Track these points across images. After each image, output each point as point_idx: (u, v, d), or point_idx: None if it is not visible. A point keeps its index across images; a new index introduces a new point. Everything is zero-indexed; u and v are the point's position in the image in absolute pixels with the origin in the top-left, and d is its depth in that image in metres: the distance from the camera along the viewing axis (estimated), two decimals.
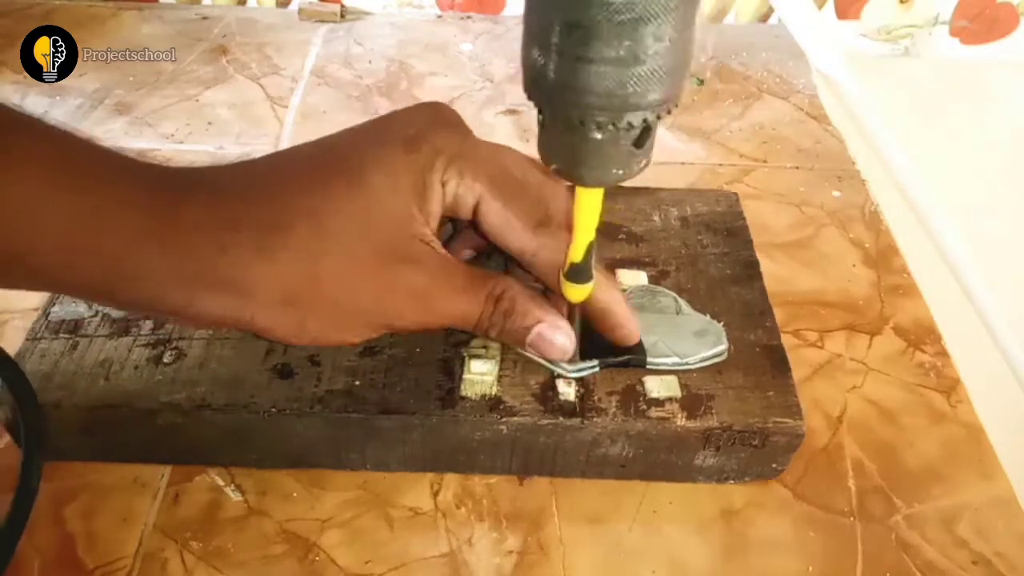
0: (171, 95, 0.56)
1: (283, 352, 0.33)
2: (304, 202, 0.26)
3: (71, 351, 0.33)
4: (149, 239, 0.24)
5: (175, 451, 0.33)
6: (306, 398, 0.31)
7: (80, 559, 0.31)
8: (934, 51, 0.68)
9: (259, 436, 0.32)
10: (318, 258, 0.26)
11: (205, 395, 0.31)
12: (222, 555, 0.31)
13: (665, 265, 0.38)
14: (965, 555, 0.32)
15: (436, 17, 0.67)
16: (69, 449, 0.33)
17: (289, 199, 0.26)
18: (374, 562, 0.31)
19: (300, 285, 0.26)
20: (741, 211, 0.41)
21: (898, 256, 0.46)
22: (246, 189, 0.26)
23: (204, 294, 0.25)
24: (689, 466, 0.33)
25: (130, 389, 0.31)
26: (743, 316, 0.35)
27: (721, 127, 0.56)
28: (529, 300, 0.29)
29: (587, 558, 0.32)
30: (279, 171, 0.27)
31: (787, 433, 0.32)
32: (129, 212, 0.24)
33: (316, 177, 0.27)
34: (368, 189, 0.26)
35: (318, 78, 0.59)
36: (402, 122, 0.29)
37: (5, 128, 0.23)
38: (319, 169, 0.27)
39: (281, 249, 0.25)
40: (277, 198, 0.26)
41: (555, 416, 0.31)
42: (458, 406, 0.31)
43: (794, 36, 0.66)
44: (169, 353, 0.33)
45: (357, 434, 0.32)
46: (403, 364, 0.32)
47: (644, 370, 0.32)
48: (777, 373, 0.33)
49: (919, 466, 0.35)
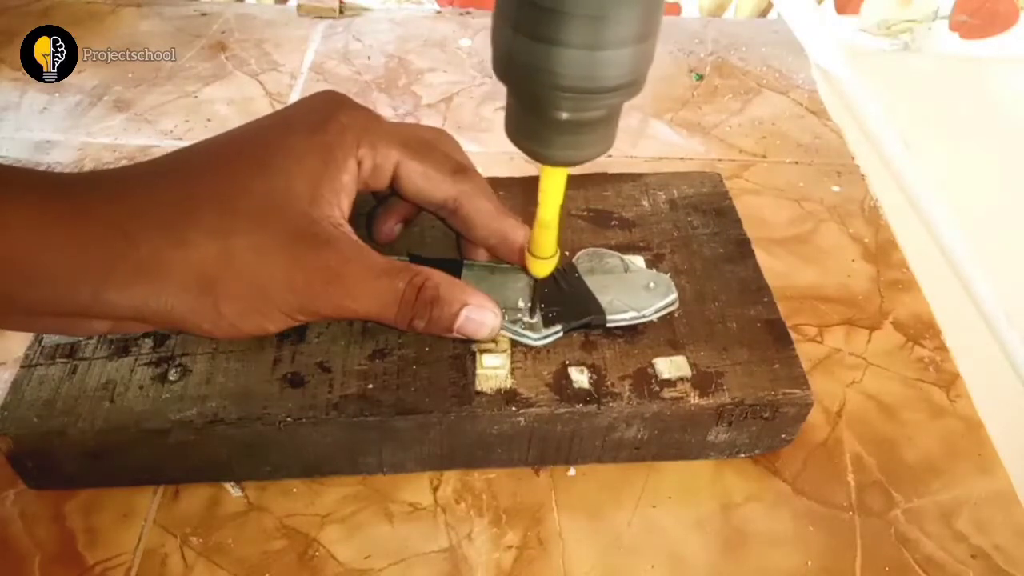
0: (170, 92, 0.56)
1: (291, 361, 0.32)
2: (209, 185, 0.26)
3: (71, 375, 0.31)
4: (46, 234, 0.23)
5: (187, 469, 0.32)
6: (320, 405, 0.31)
7: (80, 555, 0.31)
8: (934, 46, 0.68)
9: (274, 447, 0.31)
10: (228, 237, 0.25)
11: (217, 410, 0.30)
12: (222, 550, 0.31)
13: (660, 248, 0.38)
14: (964, 549, 0.32)
15: (435, 13, 0.67)
16: (76, 476, 0.32)
17: (195, 183, 0.26)
18: (374, 557, 0.31)
19: (213, 266, 0.25)
20: (726, 191, 0.42)
21: (897, 251, 0.46)
22: (151, 180, 0.26)
23: (113, 287, 0.24)
24: (702, 443, 0.33)
25: (137, 410, 0.30)
26: (740, 293, 0.36)
27: (720, 122, 0.56)
28: (452, 285, 0.29)
29: (586, 552, 0.32)
30: (183, 162, 0.27)
31: (796, 403, 0.32)
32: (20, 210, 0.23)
33: (220, 163, 0.27)
34: (273, 171, 0.26)
35: (317, 74, 0.59)
36: (306, 108, 0.29)
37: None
38: (223, 156, 0.27)
39: (189, 230, 0.25)
40: (182, 184, 0.26)
41: (572, 404, 0.31)
42: (474, 401, 0.31)
43: (793, 31, 0.66)
44: (174, 370, 0.32)
45: (374, 437, 0.32)
46: (414, 364, 0.32)
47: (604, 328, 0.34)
48: (780, 346, 0.34)
49: (918, 460, 0.35)
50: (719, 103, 0.58)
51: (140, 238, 0.24)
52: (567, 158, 0.25)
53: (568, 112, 0.22)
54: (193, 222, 0.25)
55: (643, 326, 0.34)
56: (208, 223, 0.25)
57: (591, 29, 0.20)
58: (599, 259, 0.36)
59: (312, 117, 0.28)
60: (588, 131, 0.24)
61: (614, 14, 0.20)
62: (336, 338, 0.33)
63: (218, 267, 0.25)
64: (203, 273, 0.25)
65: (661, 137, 0.54)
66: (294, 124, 0.28)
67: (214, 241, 0.25)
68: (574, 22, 0.20)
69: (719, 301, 0.36)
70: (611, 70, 0.21)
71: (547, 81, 0.21)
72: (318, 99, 0.30)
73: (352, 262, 0.27)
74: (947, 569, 0.32)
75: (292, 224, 0.26)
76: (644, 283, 0.35)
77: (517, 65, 0.22)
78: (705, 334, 0.34)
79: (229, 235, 0.25)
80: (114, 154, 0.50)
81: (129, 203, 0.25)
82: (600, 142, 0.24)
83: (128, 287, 0.24)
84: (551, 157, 0.25)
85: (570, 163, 0.25)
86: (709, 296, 0.36)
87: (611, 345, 0.33)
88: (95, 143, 0.51)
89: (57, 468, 0.31)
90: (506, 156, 0.48)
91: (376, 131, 0.29)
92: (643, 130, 0.54)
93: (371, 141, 0.29)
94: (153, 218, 0.25)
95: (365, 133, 0.29)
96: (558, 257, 0.30)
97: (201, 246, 0.25)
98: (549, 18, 0.20)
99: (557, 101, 0.22)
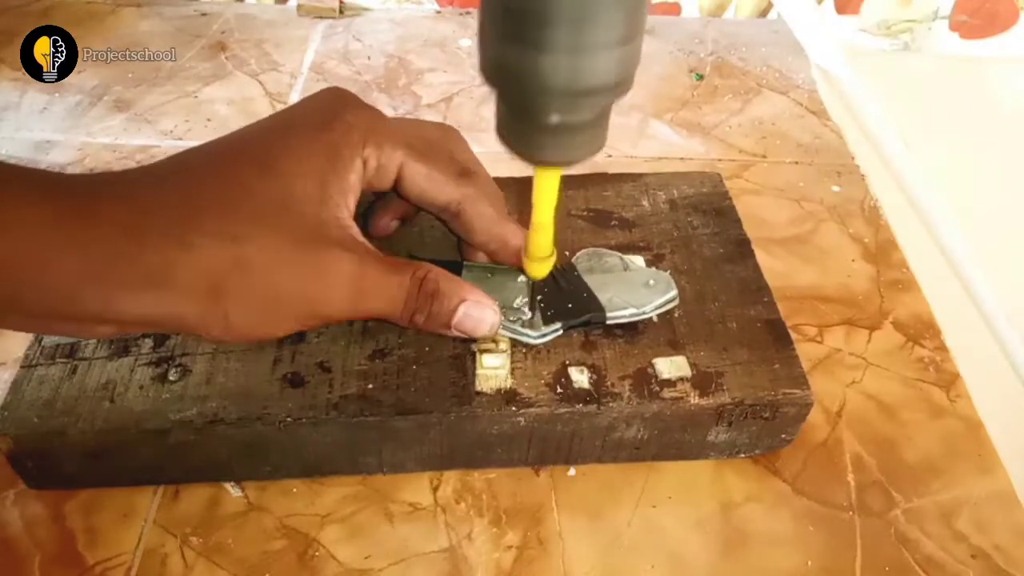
0: (170, 92, 0.56)
1: (291, 360, 0.32)
2: (214, 187, 0.25)
3: (70, 376, 0.31)
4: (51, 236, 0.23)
5: (187, 469, 0.32)
6: (321, 405, 0.31)
7: (81, 555, 0.31)
8: (934, 46, 0.68)
9: (274, 447, 0.31)
10: (237, 242, 0.25)
11: (217, 410, 0.30)
12: (222, 550, 0.31)
13: (660, 248, 0.38)
14: (964, 549, 0.32)
15: (435, 13, 0.67)
16: (76, 476, 0.32)
17: (199, 186, 0.25)
18: (374, 557, 0.31)
19: (222, 271, 0.25)
20: (726, 191, 0.42)
21: (897, 251, 0.46)
22: (156, 182, 0.25)
23: (122, 292, 0.24)
24: (702, 443, 0.33)
25: (138, 410, 0.30)
26: (740, 293, 0.36)
27: (720, 122, 0.56)
28: (451, 280, 0.29)
29: (586, 553, 0.32)
30: (188, 163, 0.27)
31: (796, 403, 0.32)
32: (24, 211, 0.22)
33: (225, 165, 0.26)
34: (278, 173, 0.26)
35: (317, 74, 0.59)
36: (310, 108, 0.29)
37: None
38: (228, 157, 0.27)
39: (196, 234, 0.24)
40: (186, 186, 0.25)
41: (572, 404, 0.31)
42: (474, 401, 0.31)
43: (793, 31, 0.66)
44: (174, 370, 0.32)
45: (374, 437, 0.32)
46: (414, 364, 0.32)
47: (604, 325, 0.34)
48: (780, 346, 0.34)
49: (918, 460, 0.35)
50: (719, 103, 0.58)
51: (147, 242, 0.24)
52: (558, 159, 0.24)
53: (557, 114, 0.22)
54: (197, 225, 0.24)
55: (643, 326, 0.34)
56: (213, 226, 0.25)
57: (575, 32, 0.20)
58: (598, 258, 0.36)
59: (317, 116, 0.28)
60: (578, 132, 0.23)
61: (597, 16, 0.20)
62: (336, 338, 0.33)
63: (228, 275, 0.25)
64: (213, 281, 0.25)
65: (661, 137, 0.54)
66: (299, 123, 0.28)
67: (222, 246, 0.25)
68: (558, 25, 0.20)
69: (719, 301, 0.36)
70: (597, 72, 0.21)
71: (534, 85, 0.21)
72: (323, 97, 0.29)
73: (364, 262, 0.27)
74: (947, 569, 0.32)
75: (302, 228, 0.26)
76: (644, 280, 0.35)
77: (504, 69, 0.22)
78: (705, 334, 0.34)
79: (237, 240, 0.25)
80: (114, 154, 0.50)
81: (135, 205, 0.24)
82: (591, 142, 0.24)
83: (136, 294, 0.24)
84: (542, 159, 0.24)
85: (562, 164, 0.25)
86: (709, 296, 0.36)
87: (611, 345, 0.33)
88: (95, 143, 0.51)
89: (57, 468, 0.31)
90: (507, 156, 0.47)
91: (382, 130, 0.29)
92: (643, 130, 0.54)
93: (377, 141, 0.29)
94: (158, 221, 0.24)
95: (371, 132, 0.28)
96: (555, 258, 0.30)
97: (208, 250, 0.24)
98: (533, 22, 0.20)
99: (545, 104, 0.22)
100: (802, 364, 0.33)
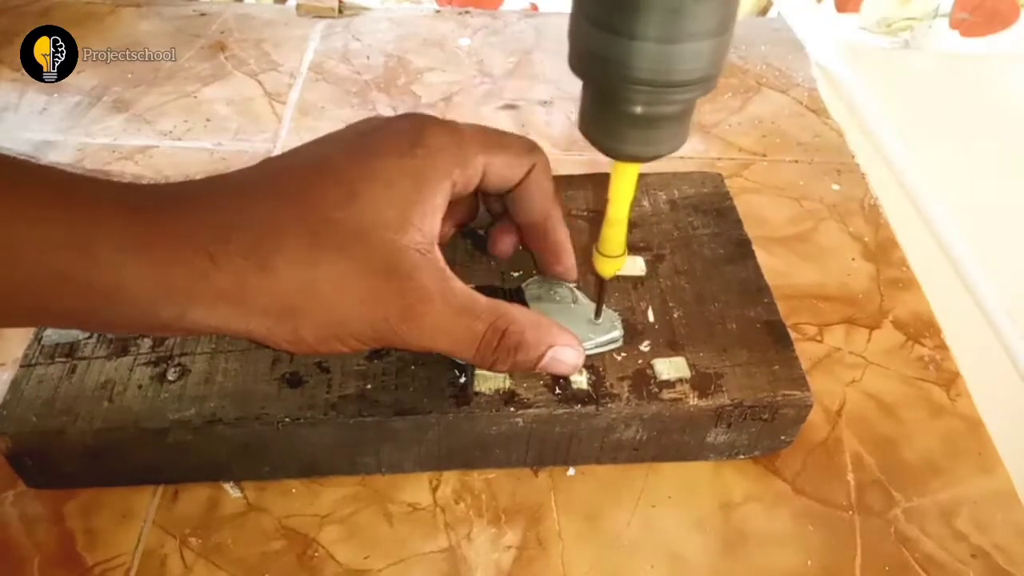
0: (169, 92, 0.56)
1: (290, 361, 0.32)
2: (297, 210, 0.26)
3: (69, 375, 0.32)
4: (131, 254, 0.23)
5: (186, 469, 0.32)
6: (319, 405, 0.31)
7: (80, 556, 0.31)
8: (934, 44, 0.68)
9: (272, 447, 0.31)
10: (312, 267, 0.25)
11: (215, 410, 0.30)
12: (221, 551, 0.31)
13: (660, 249, 0.38)
14: (964, 548, 0.32)
15: (434, 12, 0.67)
16: (75, 476, 0.32)
17: (280, 206, 0.26)
18: (373, 557, 0.31)
19: (294, 295, 0.25)
20: (727, 191, 0.42)
21: (897, 249, 0.46)
22: (236, 199, 0.26)
23: (197, 307, 0.24)
24: (701, 444, 0.33)
25: (136, 409, 0.31)
26: (741, 294, 0.36)
27: (720, 121, 0.56)
28: (536, 328, 0.28)
29: (586, 553, 0.32)
30: (270, 178, 0.27)
31: (796, 405, 0.32)
32: (105, 229, 0.23)
33: (308, 186, 0.26)
34: (362, 200, 0.26)
35: (316, 74, 0.59)
36: (392, 130, 0.28)
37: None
38: (313, 178, 0.27)
39: (274, 257, 0.25)
40: (269, 206, 0.26)
41: (570, 405, 0.31)
42: (473, 402, 0.31)
43: (793, 29, 0.66)
44: (173, 370, 0.32)
45: (372, 437, 0.32)
46: (413, 364, 0.32)
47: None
48: (780, 348, 0.34)
49: (918, 459, 0.35)
50: (719, 102, 0.58)
51: (223, 261, 0.24)
52: (640, 154, 0.25)
53: (642, 107, 0.23)
54: (277, 248, 0.25)
55: (642, 327, 0.34)
56: (293, 251, 0.25)
57: (667, 22, 0.20)
58: (548, 287, 0.35)
59: (398, 140, 0.28)
60: (662, 127, 0.24)
61: (690, 7, 0.20)
62: None
63: (300, 297, 0.25)
64: (285, 301, 0.25)
65: None
66: (383, 149, 0.28)
67: (299, 270, 0.25)
68: (650, 15, 0.20)
69: (719, 302, 0.35)
70: (686, 64, 0.21)
71: (622, 74, 0.21)
72: (403, 122, 0.29)
73: (431, 300, 0.27)
74: (947, 568, 0.32)
75: (376, 255, 0.26)
76: (588, 316, 0.34)
77: (592, 58, 0.22)
78: (705, 335, 0.34)
79: (314, 265, 0.25)
80: (113, 154, 0.50)
81: (218, 221, 0.25)
82: (673, 138, 0.24)
83: (210, 309, 0.24)
84: (623, 152, 0.25)
85: (642, 159, 0.25)
86: (709, 297, 0.36)
87: None
88: (94, 143, 0.51)
89: (56, 467, 0.31)
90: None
91: (464, 145, 0.29)
92: None
93: (462, 158, 0.29)
94: (236, 241, 0.24)
95: (456, 151, 0.28)
96: (625, 257, 0.30)
97: (284, 274, 0.25)
98: (625, 11, 0.20)
99: (631, 95, 0.22)
100: (802, 366, 0.33)
